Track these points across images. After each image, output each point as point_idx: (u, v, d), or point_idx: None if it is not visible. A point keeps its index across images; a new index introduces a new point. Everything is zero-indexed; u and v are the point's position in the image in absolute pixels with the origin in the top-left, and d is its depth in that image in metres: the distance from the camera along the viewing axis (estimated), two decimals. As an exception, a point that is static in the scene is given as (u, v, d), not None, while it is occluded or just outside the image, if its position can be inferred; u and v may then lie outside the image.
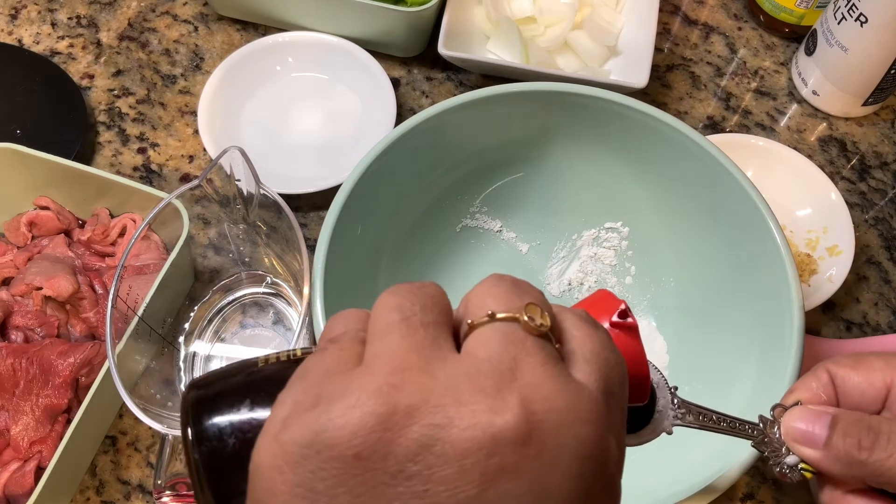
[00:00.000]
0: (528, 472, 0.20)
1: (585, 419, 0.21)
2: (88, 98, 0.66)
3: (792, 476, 0.34)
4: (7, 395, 0.49)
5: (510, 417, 0.20)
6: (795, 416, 0.34)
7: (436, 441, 0.20)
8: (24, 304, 0.52)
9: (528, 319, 0.23)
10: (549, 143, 0.53)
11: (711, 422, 0.34)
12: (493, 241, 0.57)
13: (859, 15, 0.57)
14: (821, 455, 0.33)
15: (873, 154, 0.65)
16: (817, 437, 0.33)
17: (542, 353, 0.22)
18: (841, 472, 0.33)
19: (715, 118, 0.66)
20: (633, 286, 0.55)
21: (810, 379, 0.35)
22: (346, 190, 0.46)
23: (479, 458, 0.20)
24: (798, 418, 0.34)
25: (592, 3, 0.65)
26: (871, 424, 0.32)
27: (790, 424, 0.34)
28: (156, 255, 0.53)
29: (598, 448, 0.22)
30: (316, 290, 0.44)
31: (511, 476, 0.20)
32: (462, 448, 0.20)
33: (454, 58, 0.61)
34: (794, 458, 0.34)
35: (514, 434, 0.20)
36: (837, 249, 0.57)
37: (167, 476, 0.41)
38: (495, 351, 0.22)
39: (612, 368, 0.24)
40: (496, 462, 0.20)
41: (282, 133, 0.63)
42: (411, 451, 0.20)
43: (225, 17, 0.69)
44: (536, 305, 0.23)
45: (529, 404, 0.21)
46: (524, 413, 0.21)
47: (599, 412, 0.22)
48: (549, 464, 0.21)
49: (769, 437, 0.34)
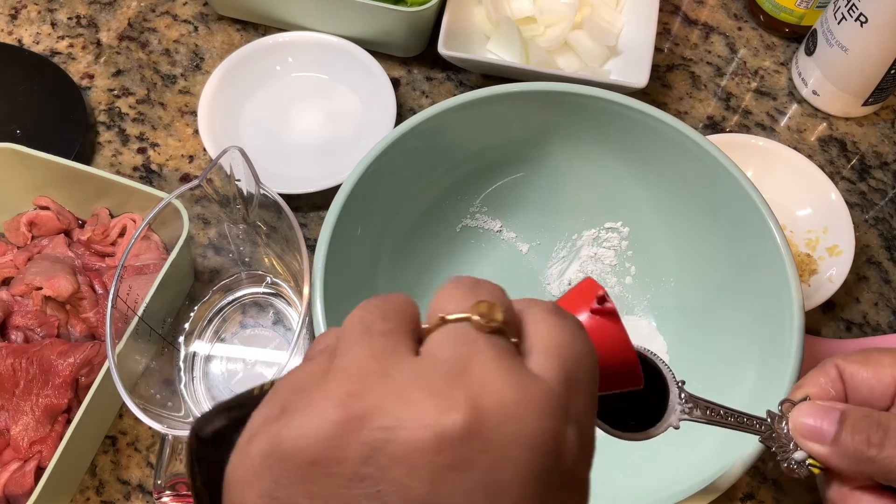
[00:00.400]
0: (477, 466, 0.21)
1: (537, 412, 0.22)
2: (88, 98, 0.66)
3: (799, 472, 0.34)
4: (7, 395, 0.49)
5: (457, 415, 0.21)
6: (804, 411, 0.34)
7: (386, 443, 0.21)
8: (24, 304, 0.52)
9: (479, 318, 0.23)
10: (549, 143, 0.53)
11: (719, 416, 0.34)
12: (493, 241, 0.57)
13: (859, 15, 0.57)
14: (829, 451, 0.33)
15: (873, 154, 0.65)
16: (826, 432, 0.33)
17: (493, 349, 0.22)
18: (849, 469, 0.33)
19: (715, 118, 0.66)
20: (633, 286, 0.55)
21: (818, 374, 0.35)
22: (346, 190, 0.46)
23: (427, 457, 0.21)
24: (806, 414, 0.34)
25: (592, 3, 0.65)
26: (880, 421, 0.32)
27: (798, 420, 0.34)
28: (156, 255, 0.53)
29: (551, 440, 0.22)
30: (316, 290, 0.44)
31: (461, 471, 0.21)
32: (411, 448, 0.21)
33: (454, 58, 0.61)
34: (801, 454, 0.34)
35: (461, 431, 0.21)
36: (837, 249, 0.57)
37: (167, 476, 0.41)
38: (448, 352, 0.23)
39: (577, 359, 0.24)
40: (444, 459, 0.21)
41: (282, 133, 0.63)
42: (364, 454, 0.21)
43: (225, 17, 0.69)
44: (489, 303, 0.24)
45: (477, 400, 0.21)
46: (471, 409, 0.21)
47: (554, 404, 0.22)
48: (498, 458, 0.21)
49: (777, 432, 0.34)
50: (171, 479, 0.41)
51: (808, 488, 0.53)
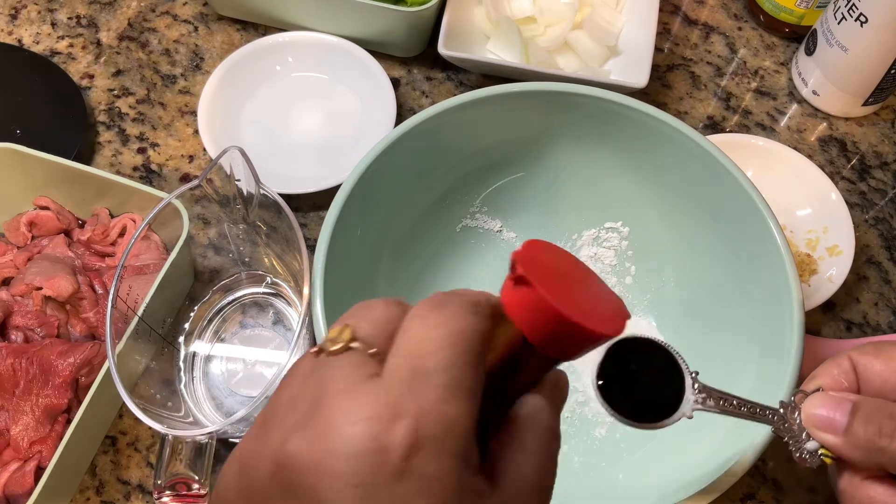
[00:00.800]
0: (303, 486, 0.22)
1: (368, 415, 0.22)
2: (88, 98, 0.66)
3: (812, 462, 0.34)
4: (7, 395, 0.49)
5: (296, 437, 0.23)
6: (816, 402, 0.34)
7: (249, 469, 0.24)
8: (24, 304, 0.52)
9: (328, 343, 0.25)
10: (549, 143, 0.53)
11: (732, 406, 0.34)
12: (493, 241, 0.57)
13: (859, 15, 0.57)
14: (841, 441, 0.33)
15: (873, 154, 0.65)
16: (838, 423, 0.33)
17: (341, 368, 0.24)
18: (860, 459, 0.33)
19: (715, 118, 0.66)
20: (633, 286, 0.55)
21: (832, 366, 0.35)
22: (346, 190, 0.46)
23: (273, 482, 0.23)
24: (819, 404, 0.34)
25: (592, 2, 0.65)
26: (892, 412, 0.32)
27: (811, 411, 0.34)
28: (156, 255, 0.53)
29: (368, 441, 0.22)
30: (316, 290, 0.44)
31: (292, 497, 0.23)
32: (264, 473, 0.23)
33: (454, 58, 0.61)
34: (814, 444, 0.34)
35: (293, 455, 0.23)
36: (837, 249, 0.57)
37: (167, 476, 0.41)
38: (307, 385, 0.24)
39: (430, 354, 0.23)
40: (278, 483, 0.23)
41: (282, 133, 0.63)
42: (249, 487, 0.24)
43: (225, 17, 0.69)
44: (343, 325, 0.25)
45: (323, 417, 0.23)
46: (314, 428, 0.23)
47: (391, 402, 0.22)
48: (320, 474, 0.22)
49: (789, 422, 0.35)
50: (171, 479, 0.41)
51: (808, 488, 0.53)
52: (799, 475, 0.53)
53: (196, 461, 0.41)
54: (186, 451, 0.42)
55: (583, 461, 0.49)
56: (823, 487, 0.53)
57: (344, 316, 0.26)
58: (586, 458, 0.49)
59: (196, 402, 0.52)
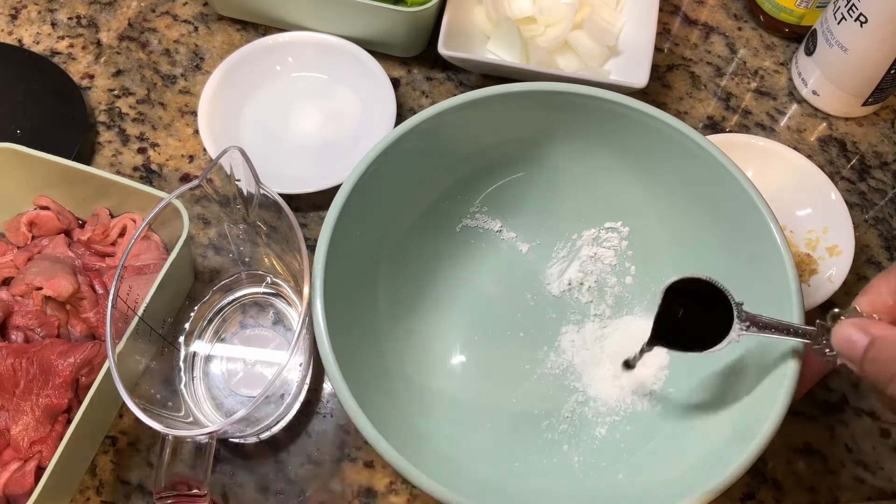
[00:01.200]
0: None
1: None
2: (88, 98, 0.66)
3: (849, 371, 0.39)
4: (7, 395, 0.49)
5: None
6: (842, 330, 0.37)
7: None
8: (24, 304, 0.52)
9: None
10: (549, 143, 0.53)
11: (774, 329, 0.40)
12: (493, 241, 0.57)
13: (859, 15, 0.57)
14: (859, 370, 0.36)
15: (873, 154, 0.65)
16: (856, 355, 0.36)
17: None
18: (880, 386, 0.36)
19: (715, 118, 0.66)
20: (633, 286, 0.55)
21: (882, 281, 0.38)
22: (346, 190, 0.46)
23: None
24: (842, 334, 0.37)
25: (592, 2, 0.65)
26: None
27: (836, 338, 0.37)
28: (156, 255, 0.53)
29: None
30: (316, 290, 0.44)
31: None
32: None
33: (454, 58, 0.61)
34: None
35: None
36: (837, 249, 0.57)
37: (167, 476, 0.41)
38: None
39: None
40: None
41: (282, 133, 0.63)
42: None
43: (225, 17, 0.69)
44: None
45: None
46: None
47: None
48: None
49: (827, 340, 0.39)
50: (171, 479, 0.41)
51: (808, 488, 0.53)
52: (799, 475, 0.53)
53: (196, 461, 0.41)
54: (186, 452, 0.42)
55: (583, 461, 0.49)
56: (823, 487, 0.53)
57: None
58: (586, 458, 0.49)
59: (196, 402, 0.52)
